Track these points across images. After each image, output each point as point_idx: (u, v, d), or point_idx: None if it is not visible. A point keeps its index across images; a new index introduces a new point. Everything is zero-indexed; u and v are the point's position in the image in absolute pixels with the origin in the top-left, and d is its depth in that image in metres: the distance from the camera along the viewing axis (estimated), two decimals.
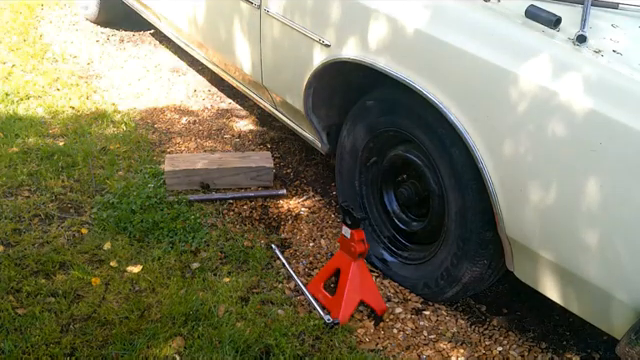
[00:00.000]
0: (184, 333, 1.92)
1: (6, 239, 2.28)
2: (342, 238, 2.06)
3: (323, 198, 2.70)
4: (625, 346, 1.48)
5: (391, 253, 2.26)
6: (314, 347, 1.93)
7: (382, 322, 2.06)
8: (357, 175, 2.30)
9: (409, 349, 1.96)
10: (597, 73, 1.51)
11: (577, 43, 1.56)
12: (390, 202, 2.28)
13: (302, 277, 2.23)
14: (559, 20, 1.60)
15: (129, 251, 2.26)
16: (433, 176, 2.00)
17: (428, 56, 1.82)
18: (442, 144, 1.88)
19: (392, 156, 2.17)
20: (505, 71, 1.63)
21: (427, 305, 2.14)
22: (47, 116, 3.21)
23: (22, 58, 3.87)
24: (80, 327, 1.91)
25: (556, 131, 1.54)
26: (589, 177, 1.51)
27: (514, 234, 1.74)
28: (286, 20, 2.28)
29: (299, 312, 2.06)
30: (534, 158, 1.61)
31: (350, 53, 2.03)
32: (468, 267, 1.94)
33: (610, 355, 1.98)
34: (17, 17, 4.54)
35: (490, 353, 1.97)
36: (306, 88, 2.25)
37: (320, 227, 2.51)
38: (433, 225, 2.09)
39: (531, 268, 1.77)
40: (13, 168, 2.71)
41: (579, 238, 1.56)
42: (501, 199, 1.72)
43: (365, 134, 2.19)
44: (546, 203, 1.61)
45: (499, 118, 1.67)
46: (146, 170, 2.73)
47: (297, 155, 3.03)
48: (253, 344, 1.89)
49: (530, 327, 2.09)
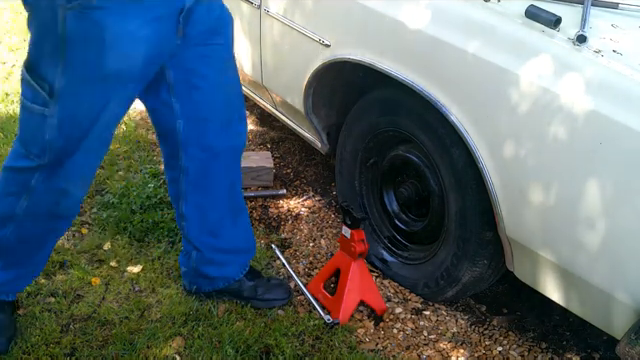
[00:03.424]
0: (184, 333, 1.92)
1: None
2: (342, 238, 2.06)
3: (323, 198, 2.70)
4: (625, 346, 1.48)
5: (391, 253, 2.26)
6: (314, 347, 1.93)
7: (382, 322, 2.06)
8: (357, 175, 2.30)
9: (409, 349, 1.96)
10: (597, 73, 1.51)
11: (577, 43, 1.56)
12: (390, 202, 2.28)
13: (302, 277, 2.23)
14: (559, 20, 1.60)
15: (129, 251, 2.26)
16: (433, 176, 2.01)
17: (428, 56, 1.82)
18: (442, 144, 1.88)
19: (392, 156, 2.17)
20: (505, 71, 1.63)
21: (427, 305, 2.14)
22: None
23: (22, 58, 3.86)
24: (80, 327, 1.91)
25: (556, 131, 1.55)
26: (589, 177, 1.51)
27: (514, 234, 1.74)
28: (286, 20, 2.28)
29: (299, 312, 2.06)
30: (534, 158, 1.61)
31: (350, 53, 2.03)
32: (468, 267, 1.95)
33: (610, 355, 1.98)
34: (17, 17, 4.54)
35: (490, 353, 1.97)
36: (306, 88, 2.25)
37: (320, 227, 2.51)
38: (433, 225, 2.09)
39: (531, 268, 1.77)
40: None
41: (579, 238, 1.57)
42: (501, 199, 1.72)
43: (365, 134, 2.19)
44: (546, 203, 1.61)
45: (499, 118, 1.67)
46: (146, 170, 2.73)
47: (297, 155, 3.03)
48: (253, 344, 1.89)
49: (530, 327, 2.09)
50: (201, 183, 1.87)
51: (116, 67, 1.48)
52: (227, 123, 1.80)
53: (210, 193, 1.90)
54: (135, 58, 1.50)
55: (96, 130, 1.57)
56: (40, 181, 1.62)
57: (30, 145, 1.59)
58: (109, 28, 1.43)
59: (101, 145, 1.65)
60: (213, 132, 1.79)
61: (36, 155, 1.59)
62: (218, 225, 1.95)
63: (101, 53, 1.45)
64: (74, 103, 1.51)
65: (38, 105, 1.51)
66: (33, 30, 1.49)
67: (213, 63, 1.71)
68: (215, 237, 1.96)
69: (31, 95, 1.52)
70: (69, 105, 1.51)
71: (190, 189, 1.88)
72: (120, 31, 1.45)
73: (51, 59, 1.46)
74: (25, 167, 1.62)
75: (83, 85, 1.49)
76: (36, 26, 1.48)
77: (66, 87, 1.48)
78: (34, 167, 1.61)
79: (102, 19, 1.42)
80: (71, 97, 1.50)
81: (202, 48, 1.66)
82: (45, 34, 1.46)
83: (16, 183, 1.66)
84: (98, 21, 1.42)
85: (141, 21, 1.47)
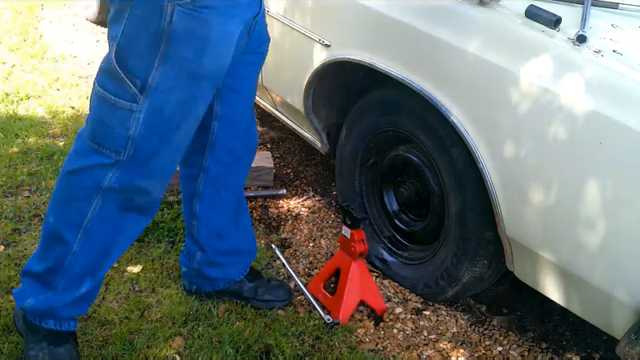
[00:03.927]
0: (184, 333, 1.92)
1: (6, 239, 2.28)
2: (342, 238, 2.06)
3: (323, 198, 2.70)
4: (625, 346, 1.48)
5: (391, 253, 2.26)
6: (314, 347, 1.93)
7: (382, 322, 2.06)
8: (357, 175, 2.30)
9: (409, 349, 1.96)
10: (597, 73, 1.51)
11: (577, 43, 1.56)
12: (390, 202, 2.28)
13: (302, 277, 2.23)
14: (559, 20, 1.60)
15: (129, 251, 2.25)
16: (433, 176, 2.01)
17: (428, 56, 1.82)
18: (442, 144, 1.88)
19: (392, 156, 2.17)
20: (505, 71, 1.63)
21: (427, 305, 2.14)
22: (47, 116, 3.21)
23: (22, 58, 3.87)
24: (80, 327, 1.91)
25: (556, 131, 1.55)
26: (589, 177, 1.51)
27: (514, 234, 1.74)
28: (286, 20, 2.28)
29: (299, 312, 2.06)
30: (534, 158, 1.61)
31: (350, 53, 2.03)
32: (468, 267, 1.95)
33: (610, 355, 1.98)
34: (17, 17, 4.54)
35: (490, 353, 1.97)
36: (306, 88, 2.25)
37: (320, 227, 2.51)
38: (433, 225, 2.09)
39: (531, 268, 1.77)
40: (13, 168, 2.71)
41: (579, 238, 1.57)
42: (501, 199, 1.72)
43: (365, 134, 2.19)
44: (546, 203, 1.61)
45: (499, 118, 1.67)
46: None
47: (297, 155, 3.03)
48: (253, 344, 1.89)
49: (530, 327, 2.09)
50: (220, 185, 1.87)
51: (213, 66, 1.49)
52: (249, 126, 1.86)
53: (225, 195, 1.90)
54: (227, 58, 1.52)
55: (183, 127, 1.55)
56: (115, 180, 1.54)
57: (107, 140, 1.51)
58: (214, 27, 1.45)
59: (184, 142, 1.61)
60: (240, 135, 1.83)
61: (114, 150, 1.51)
62: (224, 227, 1.95)
63: (202, 51, 1.45)
64: (164, 100, 1.48)
65: (125, 100, 1.47)
66: (126, 24, 1.44)
67: (254, 70, 1.78)
68: (221, 239, 1.96)
69: (117, 90, 1.47)
70: (159, 102, 1.48)
71: (208, 189, 1.88)
72: (223, 31, 1.47)
73: (147, 54, 1.44)
74: (97, 164, 1.53)
75: (177, 82, 1.47)
76: (132, 20, 1.44)
77: (160, 83, 1.46)
78: (109, 164, 1.52)
79: (210, 18, 1.43)
80: (163, 93, 1.47)
81: (250, 55, 1.70)
82: (143, 28, 1.43)
83: (84, 186, 1.56)
84: (206, 19, 1.43)
85: (237, 22, 1.51)
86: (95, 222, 1.59)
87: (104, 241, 1.64)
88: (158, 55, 1.43)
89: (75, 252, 1.61)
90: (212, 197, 1.90)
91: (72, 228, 1.59)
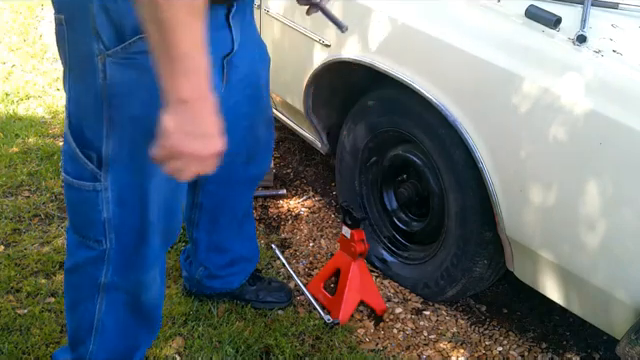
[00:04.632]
0: (184, 333, 1.92)
1: (6, 239, 2.28)
2: (342, 238, 2.06)
3: (323, 198, 2.70)
4: (625, 346, 1.48)
5: (391, 253, 2.26)
6: (314, 347, 1.93)
7: (382, 322, 2.06)
8: (357, 175, 2.30)
9: (409, 349, 1.96)
10: (597, 73, 1.51)
11: (577, 43, 1.56)
12: (390, 202, 2.28)
13: (302, 277, 2.23)
14: (559, 20, 1.60)
15: None
16: (433, 176, 2.00)
17: (428, 56, 1.82)
18: (442, 144, 1.88)
19: (392, 156, 2.17)
20: (505, 71, 1.63)
21: (427, 305, 2.14)
22: (47, 116, 3.21)
23: (22, 58, 3.87)
24: None
25: (556, 131, 1.55)
26: (589, 177, 1.51)
27: (514, 234, 1.74)
28: (286, 20, 2.28)
29: (299, 312, 2.06)
30: (534, 158, 1.61)
31: (350, 53, 2.03)
32: (468, 267, 1.94)
33: (610, 355, 1.98)
34: (17, 17, 4.54)
35: (490, 353, 1.97)
36: (306, 88, 2.25)
37: (320, 227, 2.51)
38: (433, 225, 2.09)
39: (531, 268, 1.77)
40: (13, 168, 2.71)
41: (579, 238, 1.57)
42: (501, 199, 1.72)
43: (365, 134, 2.19)
44: (546, 203, 1.61)
45: (499, 118, 1.67)
46: None
47: (297, 155, 3.03)
48: (253, 344, 1.89)
49: (530, 327, 2.09)
50: (217, 213, 1.83)
51: None
52: (252, 156, 1.72)
53: (224, 220, 1.86)
54: None
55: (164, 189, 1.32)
56: (111, 274, 1.38)
57: (85, 229, 1.35)
58: None
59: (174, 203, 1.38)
60: (236, 166, 1.67)
61: (94, 240, 1.35)
62: (225, 241, 1.92)
63: (150, 104, 1.15)
64: (127, 170, 1.28)
65: (87, 181, 1.29)
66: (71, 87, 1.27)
67: (254, 103, 1.62)
68: (222, 252, 1.93)
69: (76, 172, 1.29)
70: (122, 173, 1.28)
71: (203, 218, 1.85)
72: None
73: (95, 121, 1.23)
74: (87, 259, 1.38)
75: (135, 146, 1.23)
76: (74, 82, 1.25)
77: (116, 152, 1.25)
78: (98, 257, 1.37)
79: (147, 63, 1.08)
80: (123, 163, 1.27)
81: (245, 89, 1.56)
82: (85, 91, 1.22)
83: (83, 285, 1.42)
84: (143, 65, 1.14)
85: None
86: (106, 322, 1.46)
87: (122, 345, 1.53)
88: (104, 121, 1.22)
89: (92, 351, 1.50)
90: (208, 224, 1.87)
91: (85, 329, 1.48)
